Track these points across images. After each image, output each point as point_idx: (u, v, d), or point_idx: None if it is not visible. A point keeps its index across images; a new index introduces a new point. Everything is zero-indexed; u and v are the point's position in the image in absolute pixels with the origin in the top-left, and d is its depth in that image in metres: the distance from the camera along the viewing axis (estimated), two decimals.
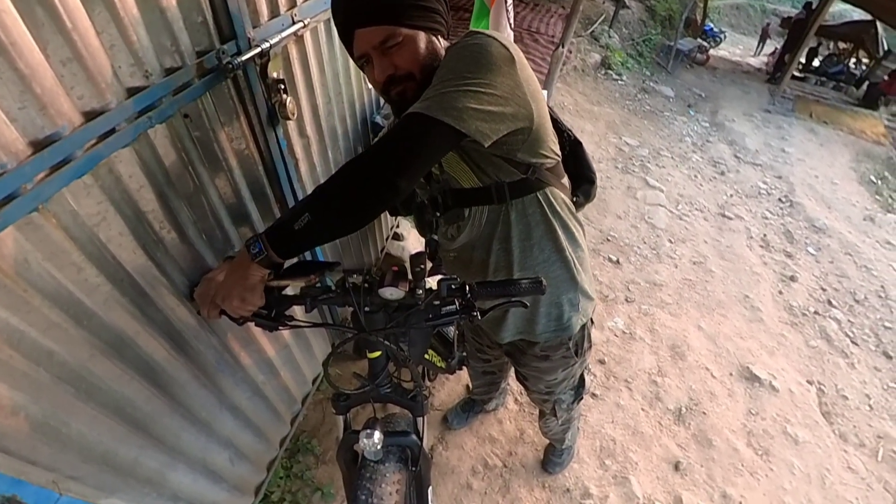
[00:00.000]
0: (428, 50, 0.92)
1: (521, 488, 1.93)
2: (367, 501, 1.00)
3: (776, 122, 7.33)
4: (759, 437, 2.38)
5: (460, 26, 5.52)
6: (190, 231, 1.03)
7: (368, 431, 1.01)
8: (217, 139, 1.06)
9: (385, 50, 0.88)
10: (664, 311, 3.02)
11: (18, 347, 0.70)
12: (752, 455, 2.28)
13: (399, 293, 0.92)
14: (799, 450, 2.37)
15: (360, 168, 0.83)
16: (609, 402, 2.34)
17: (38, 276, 0.71)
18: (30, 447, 0.75)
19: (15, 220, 0.65)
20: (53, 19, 0.66)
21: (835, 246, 4.27)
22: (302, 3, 1.30)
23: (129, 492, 0.98)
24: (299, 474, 1.80)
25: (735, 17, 12.46)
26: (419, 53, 0.91)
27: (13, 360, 0.70)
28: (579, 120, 5.32)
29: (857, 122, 7.97)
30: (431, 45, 0.93)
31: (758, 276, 3.61)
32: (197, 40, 0.95)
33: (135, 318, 0.92)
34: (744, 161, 5.68)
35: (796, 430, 2.45)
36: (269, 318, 0.96)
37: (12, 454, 0.72)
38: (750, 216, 4.53)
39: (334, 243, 1.83)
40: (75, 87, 0.72)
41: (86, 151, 0.73)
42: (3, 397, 0.70)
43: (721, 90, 7.64)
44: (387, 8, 0.86)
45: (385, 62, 0.89)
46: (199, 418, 1.17)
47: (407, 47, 0.89)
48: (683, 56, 8.08)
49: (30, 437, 0.75)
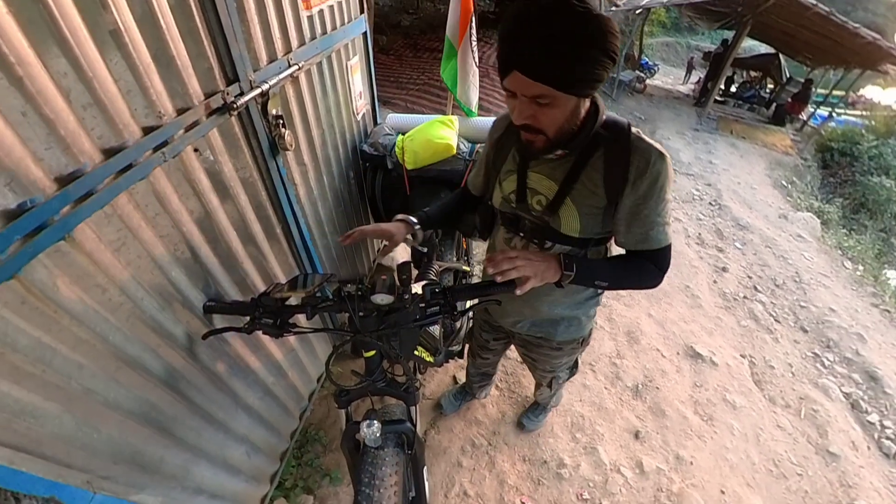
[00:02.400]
0: (571, 114, 0.82)
1: (504, 463, 1.94)
2: (369, 483, 1.00)
3: (703, 138, 7.61)
4: (704, 406, 2.42)
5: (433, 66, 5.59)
6: (202, 252, 1.02)
7: (368, 421, 1.01)
8: (224, 169, 1.06)
9: (533, 100, 0.77)
10: (619, 302, 3.07)
11: (51, 363, 0.69)
12: (699, 421, 2.32)
13: (389, 298, 0.93)
14: (737, 414, 2.42)
15: (642, 282, 1.01)
16: (577, 383, 2.36)
17: (67, 298, 0.70)
18: (65, 452, 0.74)
19: (44, 249, 0.64)
20: (76, 70, 0.66)
21: (757, 240, 4.43)
22: (297, 49, 1.31)
23: (156, 487, 0.96)
24: (309, 462, 1.77)
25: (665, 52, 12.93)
26: (562, 117, 0.81)
27: (46, 374, 0.69)
28: None
29: (768, 136, 8.35)
30: (577, 109, 0.82)
31: (696, 268, 3.72)
32: (204, 83, 0.95)
33: (155, 332, 0.90)
34: (679, 172, 5.85)
35: (734, 398, 2.51)
36: (275, 326, 0.95)
37: (49, 459, 0.71)
38: (687, 218, 4.67)
39: (332, 257, 1.83)
40: (95, 128, 0.71)
41: (106, 185, 0.73)
42: (39, 408, 0.68)
43: (657, 113, 7.87)
44: (556, 75, 0.73)
45: (527, 111, 0.80)
46: (216, 418, 1.15)
47: (555, 109, 0.79)
48: (625, 85, 8.33)
49: (64, 443, 0.73)
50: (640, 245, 0.96)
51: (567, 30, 0.69)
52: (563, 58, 0.71)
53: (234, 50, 0.99)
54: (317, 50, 1.41)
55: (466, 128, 1.95)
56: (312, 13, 1.37)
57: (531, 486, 1.88)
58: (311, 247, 1.55)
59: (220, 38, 0.96)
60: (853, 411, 2.72)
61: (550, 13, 0.69)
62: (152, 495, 0.94)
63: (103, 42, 0.70)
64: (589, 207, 0.93)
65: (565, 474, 1.92)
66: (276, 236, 1.36)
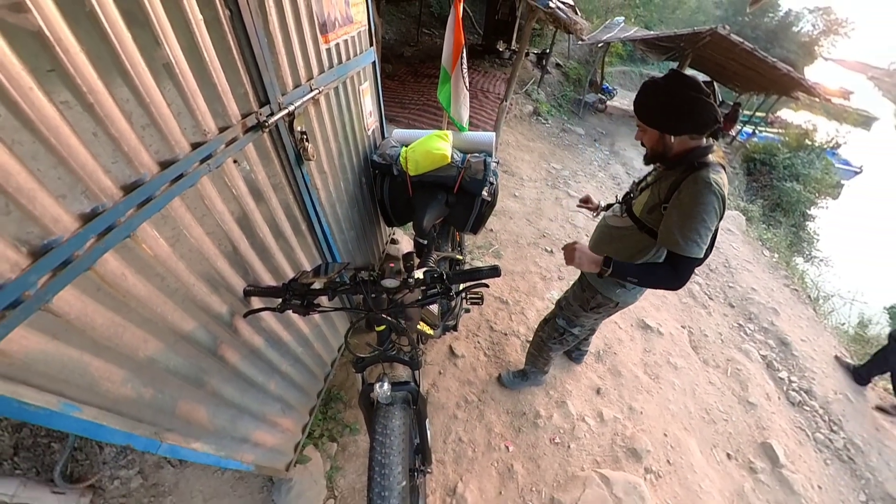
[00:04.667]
0: (660, 143, 1.12)
1: (491, 415, 1.97)
2: (382, 433, 1.00)
3: None
4: (652, 367, 2.47)
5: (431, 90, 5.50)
6: (241, 246, 1.02)
7: (380, 383, 1.02)
8: (258, 177, 1.05)
9: (640, 129, 1.15)
10: None
11: (122, 338, 0.70)
12: (648, 379, 2.37)
13: (395, 283, 0.94)
14: (678, 373, 2.48)
15: (663, 282, 1.13)
16: None
17: (132, 285, 0.70)
18: (136, 409, 0.75)
19: (113, 246, 0.65)
20: (136, 96, 0.66)
21: None
22: (317, 76, 1.29)
23: (209, 437, 0.97)
24: (333, 416, 1.79)
25: (622, 79, 12.81)
26: (652, 143, 1.14)
27: (119, 346, 0.69)
28: (520, 152, 5.38)
29: None
30: (662, 140, 1.10)
31: None
32: (241, 106, 0.94)
33: (205, 312, 0.91)
34: (632, 176, 5.86)
35: (675, 360, 2.56)
36: (302, 306, 0.96)
37: (124, 415, 0.72)
38: None
39: (348, 249, 1.82)
40: (152, 144, 0.71)
41: (162, 192, 0.73)
42: (115, 374, 0.69)
43: (616, 129, 7.84)
44: (649, 120, 1.11)
45: (639, 134, 1.17)
46: (256, 382, 1.16)
47: (647, 137, 1.14)
48: (589, 106, 8.25)
49: (136, 402, 0.74)
50: (664, 242, 1.11)
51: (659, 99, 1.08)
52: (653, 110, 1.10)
53: (265, 77, 0.98)
54: (334, 77, 1.40)
55: (459, 141, 1.94)
56: (330, 46, 1.35)
57: (513, 433, 1.92)
58: (330, 240, 1.55)
59: (253, 68, 0.94)
60: (768, 370, 2.80)
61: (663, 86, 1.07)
62: (206, 443, 0.95)
63: (158, 73, 0.69)
64: (652, 199, 1.16)
65: (540, 423, 1.96)
66: (302, 232, 1.36)
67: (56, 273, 0.56)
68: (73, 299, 0.60)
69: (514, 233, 3.48)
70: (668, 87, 1.04)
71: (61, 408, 0.61)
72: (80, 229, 0.58)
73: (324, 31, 1.28)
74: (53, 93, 0.54)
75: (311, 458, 1.58)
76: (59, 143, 0.55)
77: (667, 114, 1.06)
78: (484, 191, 1.70)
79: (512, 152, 5.26)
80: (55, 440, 1.42)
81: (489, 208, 1.83)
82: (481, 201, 1.74)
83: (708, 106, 1.02)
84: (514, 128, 6.05)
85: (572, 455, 1.87)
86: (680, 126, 1.07)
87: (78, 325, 0.62)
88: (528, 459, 1.82)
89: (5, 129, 0.50)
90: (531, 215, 3.85)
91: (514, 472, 1.77)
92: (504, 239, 3.37)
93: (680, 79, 1.03)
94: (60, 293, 0.57)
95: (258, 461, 1.20)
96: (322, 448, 1.66)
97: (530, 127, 6.41)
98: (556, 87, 8.57)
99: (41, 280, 0.54)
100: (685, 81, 1.03)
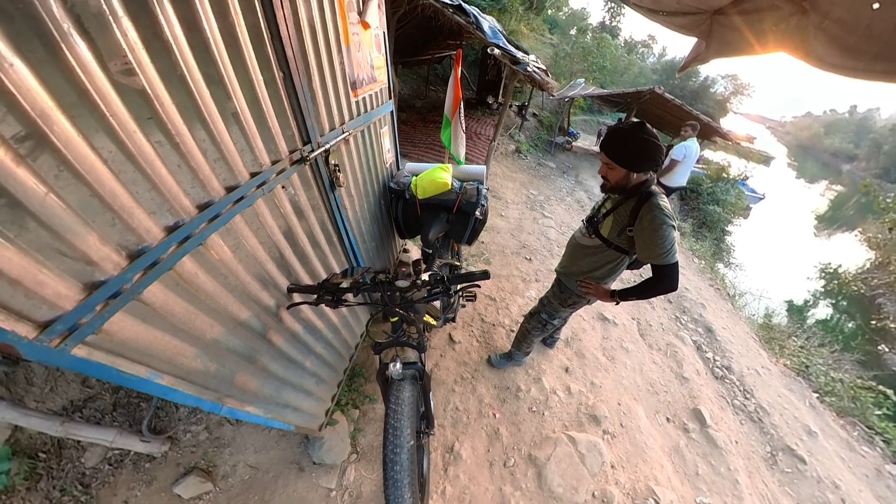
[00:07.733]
0: (625, 178, 1.10)
1: (483, 389, 1.94)
2: (395, 402, 0.99)
3: None
4: (609, 350, 2.45)
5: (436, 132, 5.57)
6: (286, 253, 1.02)
7: (394, 363, 1.02)
8: (300, 200, 1.06)
9: (608, 167, 1.10)
10: None
11: (194, 323, 0.70)
12: (606, 360, 2.35)
13: (406, 283, 0.94)
14: (629, 355, 2.46)
15: (659, 291, 1.11)
16: None
17: (203, 282, 0.71)
18: (203, 379, 0.75)
19: (189, 251, 0.65)
20: (210, 137, 0.67)
21: None
22: (348, 121, 1.31)
23: (259, 403, 0.97)
24: (356, 389, 1.77)
25: (584, 125, 12.99)
26: (618, 178, 1.11)
27: (192, 329, 0.70)
28: (505, 181, 5.39)
29: None
30: (627, 176, 1.09)
31: None
32: (288, 144, 0.95)
33: (257, 304, 0.91)
34: (593, 200, 5.89)
35: (627, 345, 2.54)
36: (333, 301, 0.96)
37: (194, 383, 0.72)
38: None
39: (369, 256, 1.81)
40: (221, 174, 0.72)
41: (227, 210, 0.74)
42: (188, 351, 0.69)
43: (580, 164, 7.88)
44: (619, 160, 1.07)
45: (604, 170, 1.13)
46: (296, 360, 1.15)
47: (614, 173, 1.10)
48: (558, 146, 8.33)
49: (204, 374, 0.74)
50: (648, 260, 1.10)
51: (623, 143, 1.05)
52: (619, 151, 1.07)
53: (308, 122, 1.00)
54: (361, 122, 1.42)
55: (457, 172, 1.96)
56: (358, 99, 1.38)
57: (499, 403, 1.90)
58: (356, 249, 1.55)
59: (299, 115, 0.96)
60: (698, 351, 2.79)
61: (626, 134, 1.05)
62: (257, 407, 0.95)
63: (227, 119, 0.71)
64: (618, 223, 1.16)
65: (521, 395, 1.94)
66: (334, 242, 1.36)
67: (146, 272, 0.57)
68: (158, 292, 0.61)
69: (501, 244, 3.50)
70: (635, 135, 1.03)
71: (148, 376, 0.61)
72: (165, 238, 0.60)
73: (354, 87, 1.31)
74: (150, 134, 0.56)
75: (338, 421, 1.56)
76: (153, 173, 0.56)
77: (636, 156, 1.05)
78: (477, 211, 1.72)
79: (499, 181, 5.29)
80: (143, 400, 1.45)
81: (481, 225, 1.84)
82: (475, 219, 1.76)
83: (660, 149, 1.04)
84: (501, 162, 6.10)
85: (546, 420, 1.85)
86: (644, 165, 1.06)
87: (161, 312, 0.62)
88: (510, 424, 1.80)
89: (114, 162, 0.51)
90: (514, 231, 3.86)
91: (500, 434, 1.75)
92: (493, 249, 3.38)
93: (644, 128, 1.03)
94: (149, 287, 0.58)
95: (297, 422, 1.19)
96: (347, 413, 1.65)
97: (513, 162, 6.46)
98: (533, 131, 8.68)
99: (136, 277, 0.55)
100: (647, 130, 1.03)
